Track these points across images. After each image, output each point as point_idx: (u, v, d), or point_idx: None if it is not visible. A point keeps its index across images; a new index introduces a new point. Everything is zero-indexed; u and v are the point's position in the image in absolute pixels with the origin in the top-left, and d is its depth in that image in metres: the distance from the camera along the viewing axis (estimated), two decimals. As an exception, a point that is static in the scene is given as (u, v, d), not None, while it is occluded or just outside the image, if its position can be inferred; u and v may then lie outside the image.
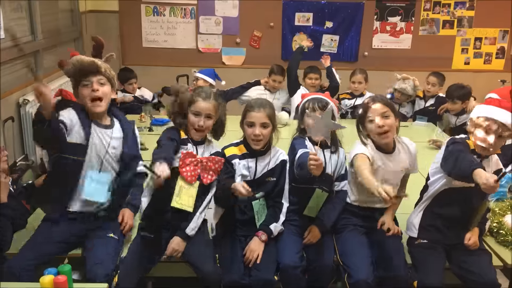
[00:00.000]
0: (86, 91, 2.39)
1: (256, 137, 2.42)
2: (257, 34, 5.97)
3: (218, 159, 2.44)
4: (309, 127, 2.44)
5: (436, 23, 6.00)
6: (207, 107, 2.43)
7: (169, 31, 5.92)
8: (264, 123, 2.43)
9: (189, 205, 2.39)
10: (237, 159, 2.47)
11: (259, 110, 2.43)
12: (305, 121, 2.55)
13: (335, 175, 2.58)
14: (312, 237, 2.48)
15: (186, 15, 5.88)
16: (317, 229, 2.49)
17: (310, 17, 5.91)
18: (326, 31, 5.96)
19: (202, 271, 2.29)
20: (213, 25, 5.91)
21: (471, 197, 2.40)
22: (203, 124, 2.43)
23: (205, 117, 2.43)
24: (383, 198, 2.00)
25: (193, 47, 5.97)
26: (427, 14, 5.97)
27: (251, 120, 2.43)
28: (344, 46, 6.01)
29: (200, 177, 2.42)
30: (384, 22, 5.98)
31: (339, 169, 2.58)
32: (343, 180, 2.60)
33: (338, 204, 2.56)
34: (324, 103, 2.53)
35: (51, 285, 1.83)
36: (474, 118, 2.40)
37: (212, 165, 2.43)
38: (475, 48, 6.10)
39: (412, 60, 5.98)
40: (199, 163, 2.42)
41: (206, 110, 2.43)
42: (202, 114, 2.43)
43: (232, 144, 2.54)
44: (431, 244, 2.44)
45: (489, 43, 6.09)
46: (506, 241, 2.52)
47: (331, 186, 2.57)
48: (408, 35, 6.02)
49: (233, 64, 6.04)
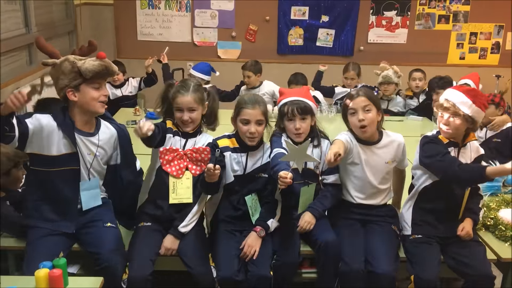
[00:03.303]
0: (96, 93, 2.32)
1: (252, 134, 2.42)
2: (253, 28, 5.95)
3: (203, 148, 2.43)
4: (288, 130, 2.51)
5: (432, 18, 6.00)
6: (188, 101, 2.42)
7: (164, 24, 5.89)
8: (259, 120, 2.42)
9: (187, 196, 2.41)
10: (229, 152, 2.47)
11: (254, 107, 2.42)
12: (284, 123, 2.54)
13: (319, 168, 2.58)
14: (305, 224, 2.42)
15: (182, 8, 5.85)
16: (309, 215, 2.45)
17: (306, 11, 5.90)
18: (322, 25, 5.95)
19: (194, 270, 2.30)
20: (208, 19, 5.89)
21: (453, 188, 2.45)
22: (187, 118, 2.43)
23: (187, 110, 2.43)
24: (327, 160, 2.22)
25: (189, 40, 5.95)
26: (422, 8, 5.97)
27: (246, 118, 2.42)
28: (340, 40, 6.00)
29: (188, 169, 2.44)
30: (380, 17, 5.98)
31: (324, 162, 2.54)
32: (331, 173, 2.56)
33: (329, 193, 2.54)
34: (302, 106, 2.49)
35: (46, 279, 1.83)
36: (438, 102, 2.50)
37: (198, 155, 2.43)
38: (470, 43, 6.11)
39: (407, 55, 5.98)
40: (183, 156, 2.43)
41: (187, 104, 2.42)
42: (183, 108, 2.43)
43: (224, 136, 2.53)
44: (426, 239, 2.45)
45: (484, 38, 6.10)
46: (505, 236, 2.52)
47: (316, 179, 2.56)
48: (403, 30, 6.02)
49: (228, 58, 6.02)
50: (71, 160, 2.31)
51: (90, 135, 2.37)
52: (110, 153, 2.46)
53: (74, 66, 2.26)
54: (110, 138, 2.44)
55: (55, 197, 2.34)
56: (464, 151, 2.48)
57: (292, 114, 2.48)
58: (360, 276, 2.32)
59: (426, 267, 2.32)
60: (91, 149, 2.36)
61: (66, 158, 2.30)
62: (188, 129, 2.47)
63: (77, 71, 2.26)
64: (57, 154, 2.28)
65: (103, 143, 2.40)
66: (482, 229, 2.61)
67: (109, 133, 2.45)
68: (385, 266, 2.32)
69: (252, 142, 2.45)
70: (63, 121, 2.29)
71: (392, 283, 2.32)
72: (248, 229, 2.44)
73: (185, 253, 2.36)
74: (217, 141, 2.50)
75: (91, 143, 2.36)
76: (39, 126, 2.23)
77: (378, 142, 2.52)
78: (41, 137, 2.24)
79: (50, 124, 2.27)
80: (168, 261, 2.40)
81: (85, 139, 2.35)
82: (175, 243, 2.38)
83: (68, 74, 2.27)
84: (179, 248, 2.38)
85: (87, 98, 2.30)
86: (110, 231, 2.35)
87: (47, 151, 2.27)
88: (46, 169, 2.29)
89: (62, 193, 2.33)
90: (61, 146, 2.28)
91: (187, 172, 2.44)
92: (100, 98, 2.33)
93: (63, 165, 2.30)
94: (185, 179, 2.43)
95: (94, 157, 2.37)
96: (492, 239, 2.55)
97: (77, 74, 2.27)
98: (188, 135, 2.49)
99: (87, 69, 2.25)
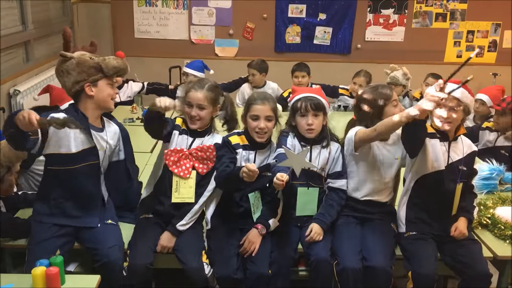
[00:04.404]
0: (111, 90, 2.38)
1: (261, 130, 2.42)
2: (250, 26, 5.95)
3: (207, 147, 2.45)
4: (300, 126, 2.49)
5: (429, 16, 6.01)
6: (198, 97, 2.43)
7: (161, 22, 5.88)
8: (268, 116, 2.43)
9: (189, 196, 2.43)
10: (241, 149, 2.48)
11: (263, 103, 2.43)
12: (296, 119, 2.52)
13: (325, 171, 2.56)
14: (314, 235, 2.41)
15: (179, 5, 5.84)
16: (318, 227, 2.43)
17: (303, 9, 5.89)
18: (319, 23, 5.95)
19: (186, 265, 2.31)
20: (206, 16, 5.88)
21: (441, 181, 2.43)
22: (196, 114, 2.44)
23: (197, 107, 2.44)
24: (414, 115, 2.08)
25: (186, 38, 5.95)
26: (420, 6, 5.97)
27: (255, 114, 2.43)
28: (337, 38, 6.00)
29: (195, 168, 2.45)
30: (377, 15, 5.98)
31: (331, 165, 2.54)
32: (339, 177, 2.54)
33: (335, 203, 2.51)
34: (316, 102, 2.48)
35: (43, 277, 1.83)
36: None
37: (203, 154, 2.44)
38: (467, 41, 6.12)
39: (404, 53, 5.99)
40: (189, 156, 2.43)
41: (197, 100, 2.43)
42: (193, 104, 2.44)
43: (235, 133, 2.54)
44: (421, 235, 2.45)
45: (482, 36, 6.11)
46: (504, 234, 2.52)
47: (320, 181, 2.55)
48: (401, 28, 6.02)
49: (226, 56, 6.02)
50: (91, 155, 2.34)
51: (100, 130, 2.41)
52: (114, 148, 2.49)
53: (94, 61, 2.31)
54: (114, 134, 2.49)
55: (78, 193, 2.36)
56: (455, 145, 2.46)
57: (306, 110, 2.47)
58: (358, 276, 2.32)
59: (423, 263, 2.32)
60: (102, 144, 2.39)
61: (85, 153, 2.32)
62: (194, 126, 2.47)
63: (97, 66, 2.31)
64: (76, 151, 2.30)
65: (110, 139, 2.44)
66: (478, 227, 2.62)
67: (113, 130, 2.49)
68: (381, 260, 2.32)
69: (261, 138, 2.45)
70: (77, 117, 2.30)
71: (388, 278, 2.33)
72: (248, 227, 2.44)
73: (181, 249, 2.37)
74: (229, 138, 2.51)
75: (102, 139, 2.40)
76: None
77: (389, 137, 2.51)
78: (59, 137, 2.26)
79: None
80: (165, 258, 2.40)
81: (97, 134, 2.38)
82: (172, 240, 2.39)
83: (88, 69, 2.30)
84: (175, 244, 2.39)
85: (104, 94, 2.35)
86: (110, 228, 2.38)
87: (66, 150, 2.28)
88: (68, 167, 2.31)
89: (86, 189, 2.36)
90: (78, 142, 2.30)
91: (193, 172, 2.45)
92: (113, 95, 2.39)
93: (84, 161, 2.32)
94: (190, 179, 2.45)
95: (104, 153, 2.40)
96: (488, 237, 2.56)
97: (97, 69, 2.31)
98: (196, 134, 2.49)
99: (112, 65, 2.32)
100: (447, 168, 2.43)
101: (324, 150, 2.53)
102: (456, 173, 2.44)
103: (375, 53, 5.94)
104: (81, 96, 2.33)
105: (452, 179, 2.45)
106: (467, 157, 2.48)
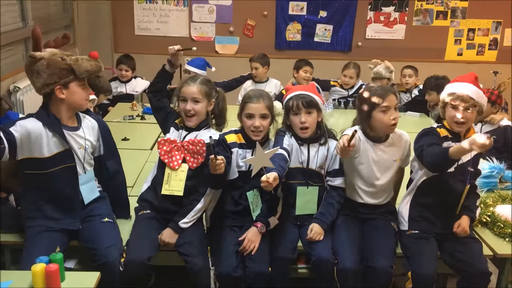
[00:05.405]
0: (82, 92, 2.30)
1: (256, 128, 2.41)
2: (251, 23, 5.94)
3: (197, 140, 2.44)
4: (294, 125, 2.47)
5: (430, 14, 6.00)
6: (192, 91, 2.44)
7: (161, 19, 5.87)
8: (263, 114, 2.42)
9: (178, 189, 2.43)
10: (237, 148, 2.47)
11: (258, 101, 2.42)
12: (290, 118, 2.51)
13: (324, 168, 2.55)
14: (315, 235, 2.42)
15: (179, 3, 5.83)
16: (318, 227, 2.43)
17: (304, 6, 5.88)
18: (320, 20, 5.94)
19: (191, 263, 2.31)
20: (206, 13, 5.87)
21: (449, 182, 2.42)
22: (191, 108, 2.44)
23: (191, 101, 2.45)
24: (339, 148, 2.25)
25: (186, 35, 5.93)
26: (421, 4, 5.96)
27: (250, 112, 2.42)
28: (338, 36, 5.99)
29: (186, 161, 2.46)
30: (378, 12, 5.97)
31: (330, 162, 2.54)
32: (337, 175, 2.54)
33: (335, 201, 2.51)
34: (308, 100, 2.46)
35: (43, 274, 1.83)
36: (441, 99, 2.47)
37: (194, 147, 2.44)
38: (468, 39, 6.11)
39: (405, 51, 5.98)
40: (180, 148, 2.45)
41: (191, 94, 2.44)
42: (188, 98, 2.45)
43: (231, 131, 2.53)
44: (422, 234, 2.45)
45: (482, 34, 6.10)
46: (503, 233, 2.52)
47: (320, 180, 2.55)
48: (401, 26, 6.01)
49: (226, 53, 6.01)
50: (65, 157, 2.29)
51: (75, 129, 2.35)
52: (95, 144, 2.45)
53: (65, 63, 2.22)
54: (92, 129, 2.44)
55: (56, 196, 2.32)
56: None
57: (297, 108, 2.45)
58: (357, 276, 2.32)
59: (423, 263, 2.32)
60: (80, 142, 2.34)
61: (60, 156, 2.27)
62: (190, 123, 2.48)
63: (69, 68, 2.22)
64: (50, 154, 2.24)
65: (88, 135, 2.39)
66: (478, 225, 2.62)
67: (91, 125, 2.44)
68: (382, 261, 2.32)
69: (257, 136, 2.44)
70: (48, 120, 2.24)
71: (389, 278, 2.33)
72: (248, 225, 2.44)
73: (183, 244, 2.36)
74: (225, 136, 2.50)
75: (79, 137, 2.35)
76: (25, 131, 2.18)
77: (386, 139, 2.49)
78: (30, 142, 2.19)
79: (36, 127, 2.21)
80: (165, 256, 2.40)
81: (73, 134, 2.32)
82: (174, 237, 2.38)
83: (59, 71, 2.20)
84: (177, 241, 2.38)
85: (75, 97, 2.27)
86: (108, 226, 2.36)
87: (39, 154, 2.22)
88: (43, 171, 2.26)
89: (64, 192, 2.32)
90: (52, 146, 2.24)
91: (183, 165, 2.46)
92: (86, 96, 2.34)
93: (59, 164, 2.28)
94: (180, 172, 2.45)
95: (84, 150, 2.36)
96: (488, 235, 2.56)
97: (69, 71, 2.22)
98: (191, 129, 2.50)
99: (85, 68, 2.24)
100: (456, 169, 2.40)
101: (322, 148, 2.53)
102: (465, 174, 2.43)
103: (376, 50, 5.92)
104: (52, 97, 2.25)
105: (461, 180, 2.44)
106: (474, 157, 2.47)
